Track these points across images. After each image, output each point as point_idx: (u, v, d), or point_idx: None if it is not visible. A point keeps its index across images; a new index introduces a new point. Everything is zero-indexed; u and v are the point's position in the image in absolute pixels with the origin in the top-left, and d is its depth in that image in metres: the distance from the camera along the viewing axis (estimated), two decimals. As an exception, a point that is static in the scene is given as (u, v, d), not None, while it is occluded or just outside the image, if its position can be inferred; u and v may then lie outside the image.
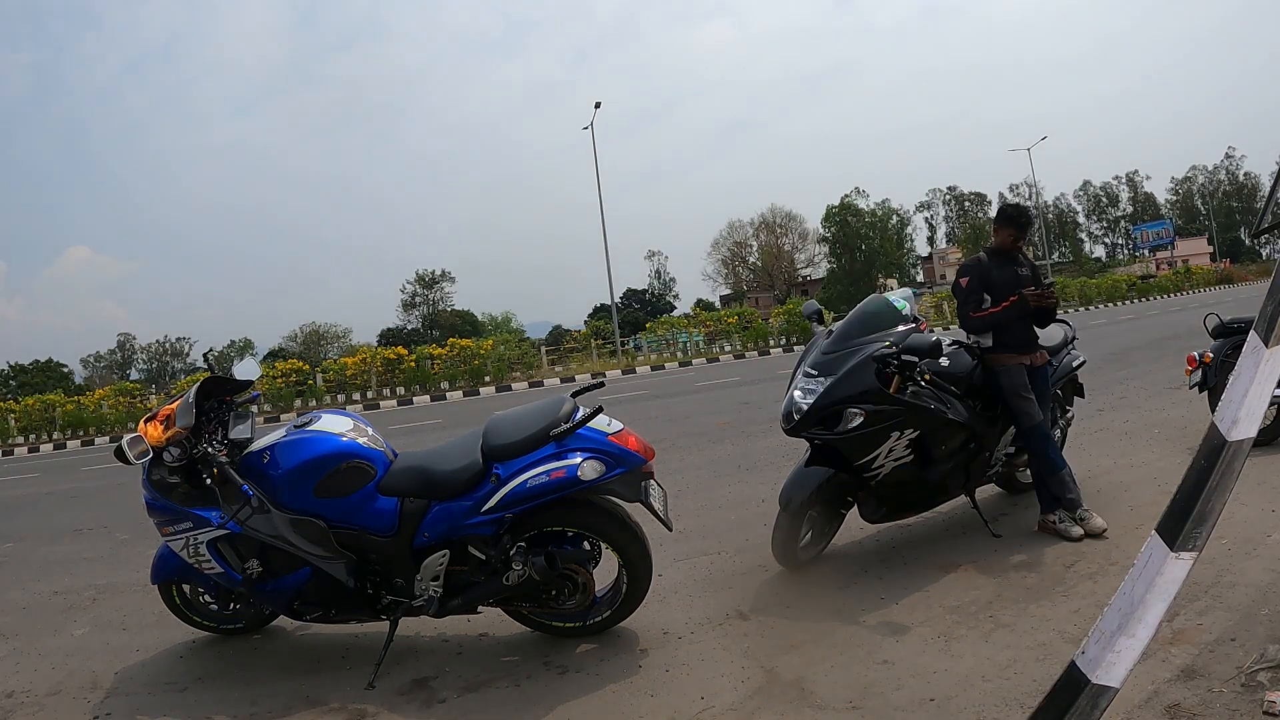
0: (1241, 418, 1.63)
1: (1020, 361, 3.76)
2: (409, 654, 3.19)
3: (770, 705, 2.52)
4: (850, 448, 3.42)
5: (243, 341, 67.35)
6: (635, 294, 68.60)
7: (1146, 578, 1.65)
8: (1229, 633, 2.56)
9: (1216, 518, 1.63)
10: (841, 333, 3.64)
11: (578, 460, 2.85)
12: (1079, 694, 1.67)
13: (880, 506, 3.66)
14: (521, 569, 2.86)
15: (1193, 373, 4.98)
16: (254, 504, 2.83)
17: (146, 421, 2.94)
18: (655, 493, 3.10)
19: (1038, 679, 2.41)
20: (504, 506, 2.87)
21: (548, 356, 27.74)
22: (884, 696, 2.49)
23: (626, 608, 3.11)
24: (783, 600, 3.39)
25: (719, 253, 68.04)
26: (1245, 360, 1.66)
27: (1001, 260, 3.87)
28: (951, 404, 3.61)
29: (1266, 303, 1.65)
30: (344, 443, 2.97)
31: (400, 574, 2.98)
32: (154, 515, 3.06)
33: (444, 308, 65.70)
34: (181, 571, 3.23)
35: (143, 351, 69.91)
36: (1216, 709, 2.15)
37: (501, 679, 2.91)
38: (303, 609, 3.09)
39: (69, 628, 4.03)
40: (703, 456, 6.85)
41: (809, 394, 3.45)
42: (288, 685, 3.03)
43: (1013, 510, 4.22)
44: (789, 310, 26.29)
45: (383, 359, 22.56)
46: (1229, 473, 1.63)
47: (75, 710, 3.02)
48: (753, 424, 8.20)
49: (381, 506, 2.95)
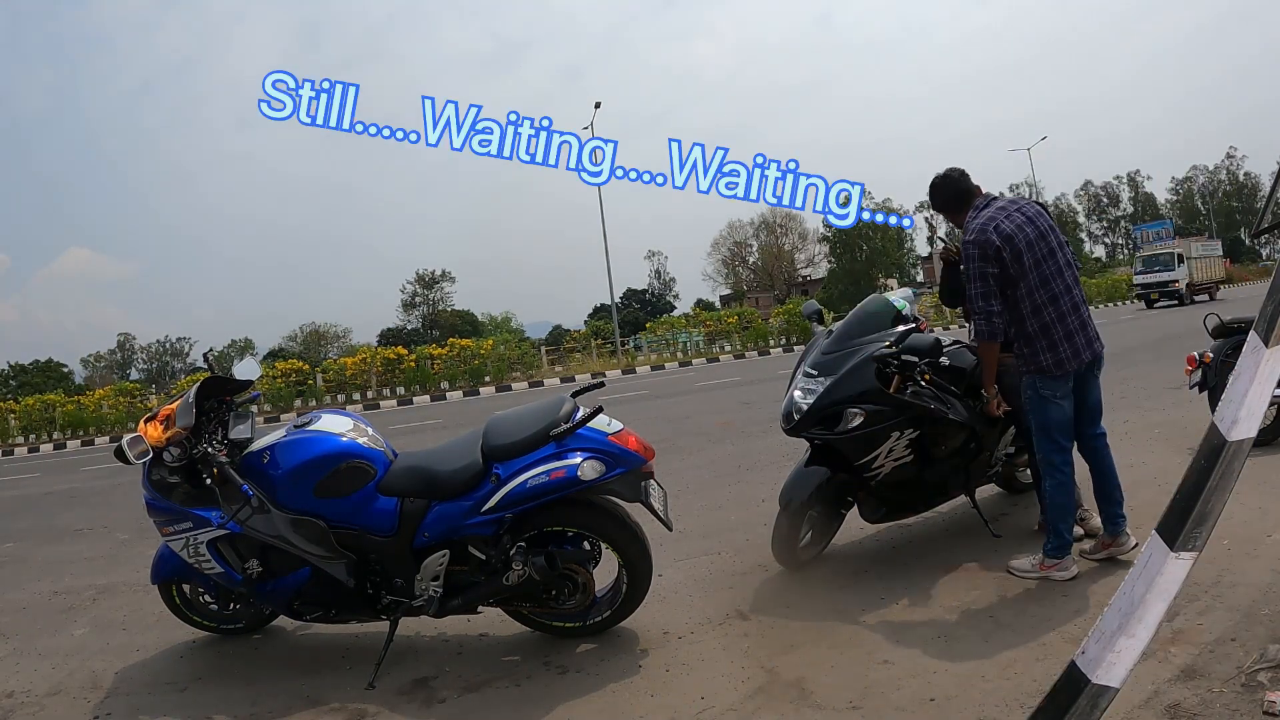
0: (1241, 418, 1.63)
1: (1020, 361, 3.75)
2: (409, 654, 3.19)
3: (770, 705, 2.52)
4: (850, 448, 3.41)
5: (243, 341, 67.42)
6: (635, 294, 68.60)
7: (1146, 578, 1.65)
8: (1229, 633, 2.56)
9: (1216, 518, 1.63)
10: (841, 333, 3.64)
11: (578, 460, 2.85)
12: (1079, 694, 1.67)
13: (880, 506, 3.66)
14: (521, 569, 2.86)
15: (1193, 373, 4.97)
16: (254, 504, 2.83)
17: (146, 421, 2.94)
18: (655, 493, 3.10)
19: (1038, 679, 2.40)
20: (504, 506, 2.87)
21: (548, 356, 27.74)
22: (884, 696, 2.49)
23: (626, 608, 3.11)
24: (783, 600, 3.39)
25: (719, 253, 68.10)
26: (1245, 360, 1.66)
27: None
28: (952, 404, 3.61)
29: (1266, 303, 1.65)
30: (344, 443, 2.97)
31: (400, 574, 2.98)
32: (154, 515, 3.06)
33: (444, 308, 65.71)
34: (181, 571, 3.23)
35: (143, 351, 70.00)
36: (1216, 709, 2.15)
37: (501, 679, 2.91)
38: (303, 609, 3.09)
39: (69, 628, 4.03)
40: (703, 456, 6.85)
41: (809, 394, 3.45)
42: (288, 685, 3.03)
43: (1013, 510, 4.22)
44: (789, 310, 26.32)
45: (383, 359, 22.58)
46: (1229, 473, 1.63)
47: (75, 710, 3.02)
48: (753, 424, 8.19)
49: (381, 506, 2.95)
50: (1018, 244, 3.06)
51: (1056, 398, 3.15)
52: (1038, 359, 3.13)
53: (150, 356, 69.99)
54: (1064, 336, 3.10)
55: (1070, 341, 3.10)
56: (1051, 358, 3.10)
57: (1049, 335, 3.10)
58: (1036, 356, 3.13)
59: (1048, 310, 3.09)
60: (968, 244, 3.13)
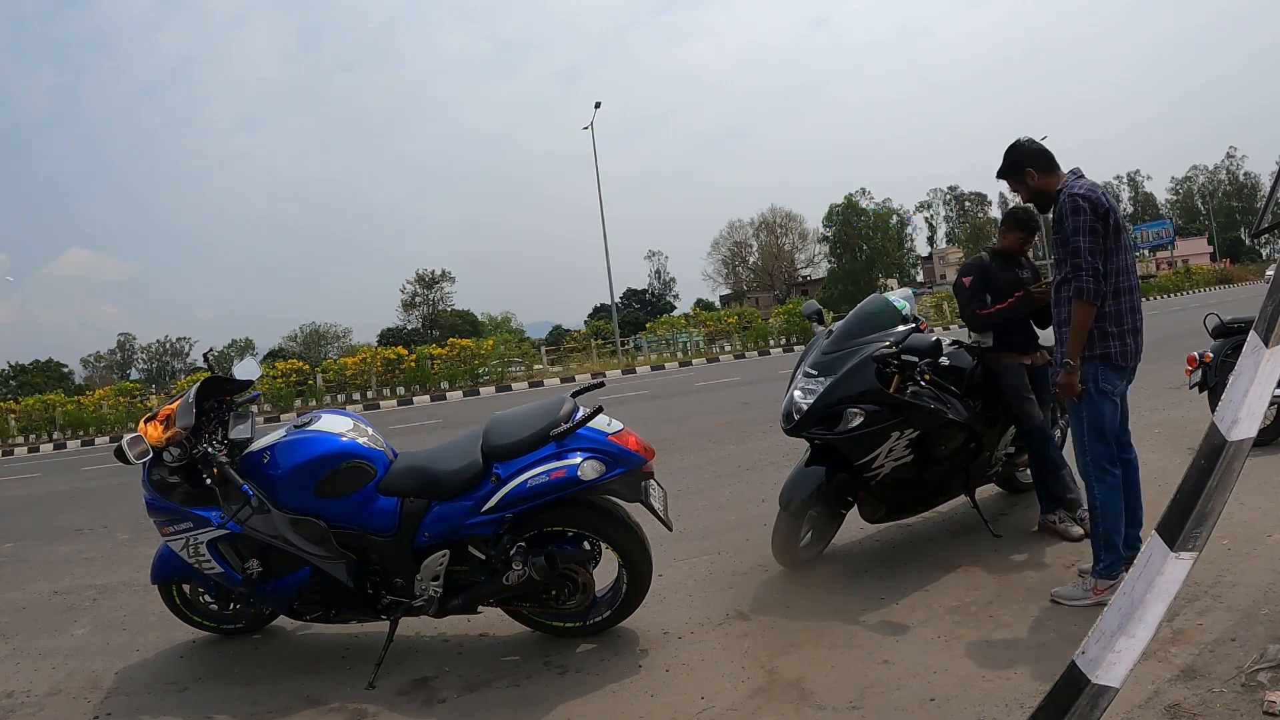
0: (1241, 418, 1.63)
1: (1021, 361, 3.76)
2: (409, 654, 3.19)
3: (770, 705, 2.52)
4: (850, 448, 3.41)
5: (243, 341, 67.45)
6: (635, 294, 68.60)
7: (1146, 578, 1.65)
8: (1229, 633, 2.56)
9: (1216, 518, 1.63)
10: (841, 333, 3.64)
11: (578, 460, 2.85)
12: (1079, 694, 1.67)
13: (880, 506, 3.66)
14: (521, 569, 2.86)
15: (1193, 373, 4.97)
16: (254, 504, 2.83)
17: (146, 421, 2.94)
18: (655, 493, 3.10)
19: (1038, 679, 2.40)
20: (504, 506, 2.87)
21: (548, 356, 27.74)
22: (884, 696, 2.49)
23: (627, 608, 3.10)
24: (783, 600, 3.39)
25: (719, 253, 68.13)
26: (1245, 360, 1.66)
27: (1004, 261, 3.87)
28: (952, 404, 3.61)
29: (1266, 303, 1.65)
30: (344, 443, 2.97)
31: (400, 574, 2.98)
32: (154, 515, 3.06)
33: (444, 308, 65.70)
34: (181, 571, 3.23)
35: (143, 351, 70.02)
36: (1216, 709, 2.15)
37: (501, 679, 2.91)
38: (303, 609, 3.09)
39: (69, 628, 4.03)
40: (703, 456, 6.85)
41: (809, 394, 3.45)
42: (288, 685, 3.03)
43: (1013, 510, 4.22)
44: (789, 310, 26.32)
45: (383, 359, 22.57)
46: (1229, 473, 1.63)
47: (75, 710, 3.02)
48: (753, 424, 8.20)
49: (382, 506, 2.95)
50: (1119, 219, 2.92)
51: (1114, 394, 2.96)
52: (1108, 344, 2.91)
53: (150, 356, 70.02)
54: (1131, 330, 2.94)
55: (1135, 338, 2.97)
56: (1120, 346, 2.93)
57: (1122, 323, 2.92)
58: (1107, 342, 2.92)
59: (1125, 298, 2.93)
60: (1076, 197, 2.88)
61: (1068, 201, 2.91)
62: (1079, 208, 2.87)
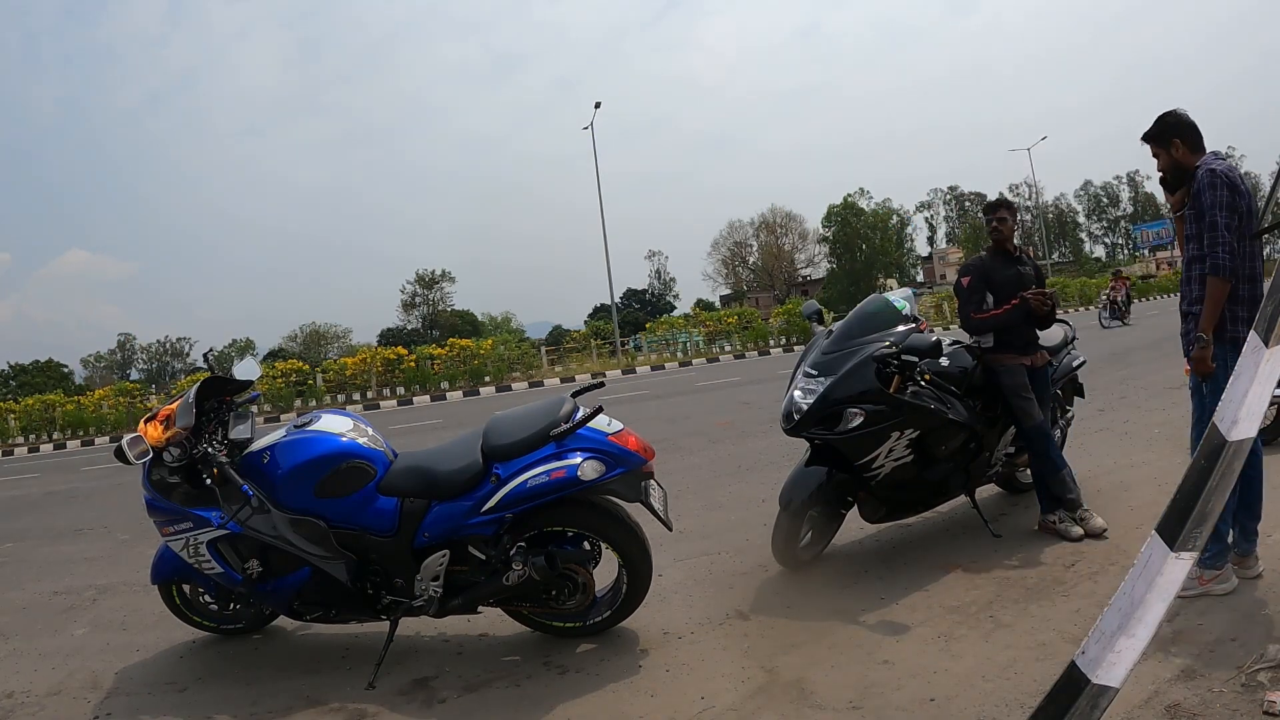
0: (1241, 418, 1.63)
1: (1021, 362, 3.76)
2: (409, 654, 3.19)
3: (770, 705, 2.52)
4: (850, 448, 3.42)
5: (243, 341, 67.45)
6: (635, 294, 68.59)
7: (1146, 578, 1.65)
8: (1229, 633, 2.56)
9: (1216, 518, 1.63)
10: (841, 333, 3.64)
11: (578, 460, 2.85)
12: (1079, 694, 1.67)
13: (880, 506, 3.66)
14: (521, 569, 2.86)
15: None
16: (254, 504, 2.83)
17: (146, 421, 2.94)
18: (655, 493, 3.10)
19: (1038, 679, 2.40)
20: (504, 506, 2.87)
21: (548, 356, 27.74)
22: (884, 696, 2.49)
23: (626, 608, 3.10)
24: (783, 600, 3.39)
25: (719, 253, 68.19)
26: (1245, 360, 1.67)
27: (1004, 260, 3.86)
28: (952, 404, 3.61)
29: (1266, 303, 1.65)
30: (344, 443, 2.97)
31: (400, 574, 2.98)
32: (154, 515, 3.06)
33: (444, 308, 65.75)
34: (181, 571, 3.23)
35: (143, 351, 70.04)
36: (1216, 709, 2.15)
37: (501, 679, 2.91)
38: (303, 609, 3.09)
39: (69, 628, 4.03)
40: (703, 456, 6.85)
41: (809, 394, 3.45)
42: (288, 685, 3.03)
43: (1013, 510, 4.22)
44: (789, 310, 26.31)
45: (383, 359, 22.57)
46: (1229, 473, 1.63)
47: (75, 710, 3.02)
48: (753, 424, 8.20)
49: (382, 506, 2.95)
50: (1252, 204, 2.79)
51: None
52: (1238, 329, 2.76)
53: (150, 356, 70.04)
54: (1246, 320, 2.76)
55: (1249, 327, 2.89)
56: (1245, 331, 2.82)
57: (1251, 308, 2.75)
58: (1238, 326, 2.78)
59: (1254, 285, 2.83)
60: (1216, 174, 2.78)
61: (1206, 176, 2.80)
62: (1217, 183, 2.76)
